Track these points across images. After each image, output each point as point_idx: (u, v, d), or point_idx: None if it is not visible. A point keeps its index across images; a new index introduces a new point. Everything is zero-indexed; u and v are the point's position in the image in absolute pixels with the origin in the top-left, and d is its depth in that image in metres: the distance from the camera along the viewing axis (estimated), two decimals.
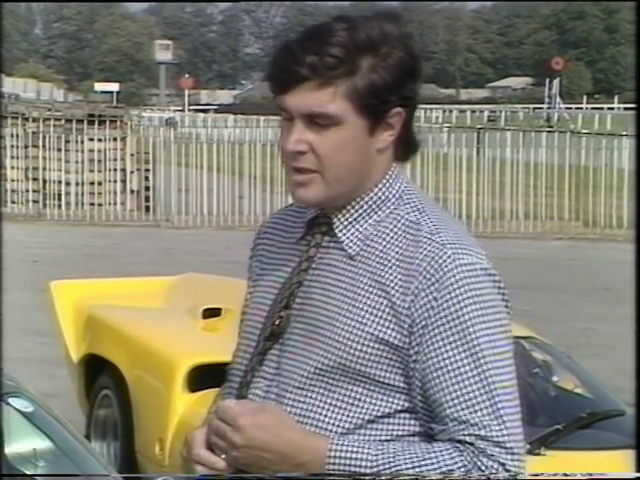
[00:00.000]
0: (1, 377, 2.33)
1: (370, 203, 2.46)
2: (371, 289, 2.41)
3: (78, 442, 5.06)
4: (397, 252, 2.41)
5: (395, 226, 2.44)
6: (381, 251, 2.43)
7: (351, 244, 2.45)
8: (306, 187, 2.42)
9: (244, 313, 2.63)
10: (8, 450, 4.72)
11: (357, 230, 2.46)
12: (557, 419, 5.63)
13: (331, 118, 2.37)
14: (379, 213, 2.46)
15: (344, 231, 2.46)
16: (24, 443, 4.76)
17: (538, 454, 5.29)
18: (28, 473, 4.45)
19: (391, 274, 2.40)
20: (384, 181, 2.47)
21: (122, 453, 6.81)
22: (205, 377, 6.66)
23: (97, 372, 7.56)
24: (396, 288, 2.39)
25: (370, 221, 2.46)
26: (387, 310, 2.39)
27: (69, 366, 7.84)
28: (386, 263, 2.41)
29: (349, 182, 2.43)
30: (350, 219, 2.46)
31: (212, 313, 7.62)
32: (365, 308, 2.40)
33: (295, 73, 2.35)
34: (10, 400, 4.78)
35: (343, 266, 2.45)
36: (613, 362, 7.57)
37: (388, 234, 2.44)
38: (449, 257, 2.37)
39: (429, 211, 2.47)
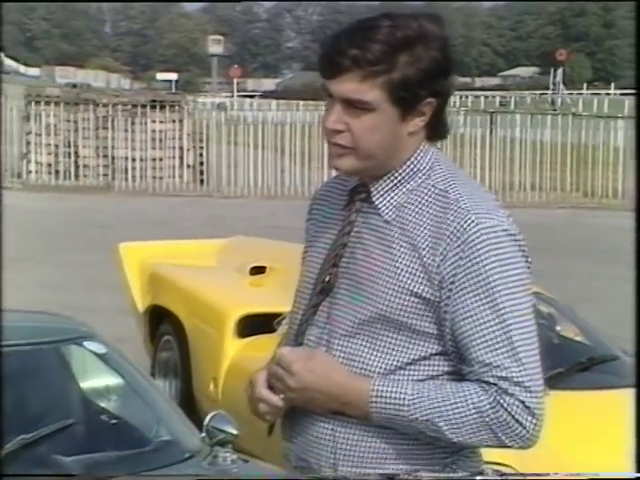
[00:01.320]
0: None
1: (403, 175, 2.47)
2: (405, 250, 2.42)
3: (144, 380, 5.09)
4: (428, 217, 2.42)
5: (426, 194, 2.45)
6: (414, 217, 2.44)
7: (386, 210, 2.46)
8: (341, 159, 2.45)
9: (301, 272, 2.64)
10: (84, 386, 4.76)
11: (392, 198, 2.47)
12: (560, 363, 5.60)
13: (367, 104, 2.38)
14: (411, 183, 2.47)
15: (380, 199, 2.47)
16: (98, 380, 4.79)
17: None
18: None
19: (422, 237, 2.41)
20: (415, 155, 2.48)
21: (181, 390, 6.84)
22: (252, 325, 6.73)
23: (159, 321, 7.60)
24: (427, 249, 2.40)
25: (403, 190, 2.47)
26: (419, 268, 2.40)
27: (136, 316, 7.89)
28: (418, 227, 2.42)
29: (380, 158, 2.44)
30: (385, 188, 2.48)
31: (258, 271, 7.63)
32: (401, 267, 2.41)
33: (339, 64, 2.37)
34: (85, 343, 4.82)
35: (381, 230, 2.46)
36: (608, 313, 7.57)
37: (420, 201, 2.45)
38: (473, 221, 2.38)
39: (456, 180, 2.47)
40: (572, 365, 5.60)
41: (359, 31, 2.40)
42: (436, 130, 2.49)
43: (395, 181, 2.47)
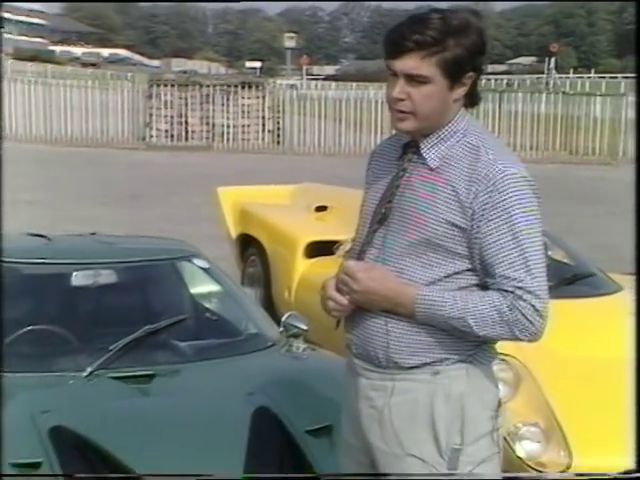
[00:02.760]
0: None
1: (445, 134, 2.47)
2: (446, 191, 2.42)
3: (237, 288, 5.10)
4: (463, 166, 2.42)
5: (462, 149, 2.45)
6: (453, 166, 2.43)
7: (432, 160, 2.46)
8: (403, 122, 2.45)
9: (362, 206, 2.64)
10: (193, 291, 4.78)
11: (436, 151, 2.46)
12: (550, 279, 5.51)
13: (425, 78, 2.38)
14: (451, 140, 2.46)
15: (427, 152, 2.47)
16: (203, 288, 4.80)
17: None
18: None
19: (459, 181, 2.41)
20: (455, 119, 2.48)
21: (264, 296, 6.86)
22: (316, 249, 6.69)
23: (247, 245, 7.61)
24: (462, 190, 2.40)
25: (445, 145, 2.46)
26: (456, 204, 2.40)
27: (229, 241, 7.91)
28: (456, 173, 2.42)
29: (432, 120, 2.45)
30: (432, 144, 2.47)
31: (321, 209, 7.59)
32: (442, 203, 2.41)
33: (404, 46, 2.37)
34: (194, 260, 4.81)
35: (427, 175, 2.46)
36: (588, 241, 7.48)
37: (457, 154, 2.44)
38: (499, 169, 2.38)
39: (485, 138, 2.48)
40: (560, 280, 5.52)
41: (417, 22, 2.40)
42: (471, 99, 2.51)
43: (439, 138, 2.47)
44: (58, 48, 70.93)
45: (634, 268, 5.24)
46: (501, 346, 3.00)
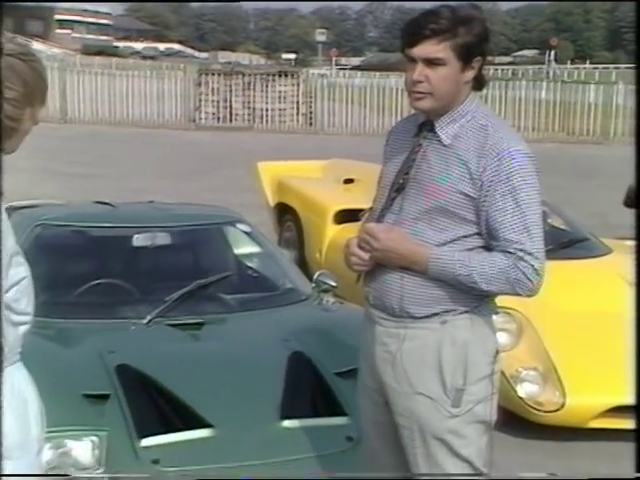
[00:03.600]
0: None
1: (457, 114, 2.45)
2: (457, 163, 2.40)
3: (275, 249, 5.09)
4: (473, 143, 2.40)
5: (472, 127, 2.43)
6: (464, 142, 2.41)
7: (445, 137, 2.44)
8: (421, 101, 2.42)
9: (380, 177, 2.62)
10: (236, 252, 4.76)
11: (449, 129, 2.44)
12: (550, 243, 5.46)
13: (441, 60, 2.37)
14: (462, 120, 2.44)
15: (441, 130, 2.45)
16: (245, 248, 4.78)
17: None
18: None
19: (470, 155, 2.39)
20: (466, 102, 2.46)
21: (298, 257, 6.84)
22: (344, 216, 6.65)
23: (283, 212, 7.59)
24: (473, 164, 2.38)
25: (457, 124, 2.44)
26: (467, 176, 2.38)
27: (268, 209, 7.87)
28: (467, 149, 2.40)
29: (447, 100, 2.42)
30: (445, 123, 2.45)
31: (348, 181, 7.54)
32: (453, 174, 2.40)
33: (421, 34, 2.37)
34: (237, 225, 4.81)
35: (441, 150, 2.44)
36: (583, 210, 7.41)
37: (468, 132, 2.42)
38: (504, 147, 2.37)
39: (492, 119, 2.47)
40: (558, 244, 5.48)
41: (430, 14, 2.40)
42: (479, 82, 2.48)
43: (452, 118, 2.45)
44: (121, 44, 71.04)
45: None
46: (506, 301, 2.99)
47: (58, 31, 69.50)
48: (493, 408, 2.51)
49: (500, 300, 2.59)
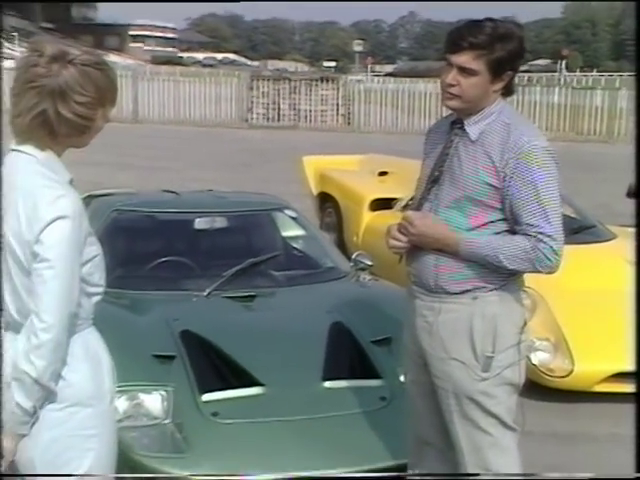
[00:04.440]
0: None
1: (484, 114, 2.41)
2: (484, 157, 2.37)
3: (317, 232, 5.06)
4: (498, 139, 2.37)
5: (497, 126, 2.39)
6: (489, 139, 2.38)
7: (473, 134, 2.41)
8: (451, 101, 2.40)
9: (421, 170, 2.60)
10: (284, 234, 4.74)
11: (477, 127, 2.41)
12: None
13: (473, 71, 2.34)
14: (489, 119, 2.41)
15: (469, 127, 2.42)
16: (291, 232, 4.76)
17: None
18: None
19: (494, 150, 2.36)
20: (493, 104, 2.42)
21: (337, 240, 6.76)
22: (378, 204, 6.61)
23: (325, 200, 7.53)
24: (497, 158, 2.35)
25: (484, 123, 2.41)
26: (492, 168, 2.35)
27: (311, 197, 7.83)
28: (492, 144, 2.37)
29: (473, 103, 2.40)
30: (473, 121, 2.42)
31: (382, 174, 7.47)
32: (480, 167, 2.37)
33: (460, 45, 2.33)
34: (285, 211, 4.79)
35: (469, 146, 2.42)
36: (590, 201, 7.28)
37: (493, 130, 2.39)
38: (525, 141, 2.33)
39: (515, 117, 2.43)
40: (569, 230, 5.30)
41: (473, 26, 2.35)
42: (508, 90, 2.44)
43: (479, 117, 2.41)
44: (185, 54, 71.55)
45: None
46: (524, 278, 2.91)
47: (131, 45, 70.56)
48: (521, 372, 2.50)
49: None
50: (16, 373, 1.81)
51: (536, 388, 4.29)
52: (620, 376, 4.34)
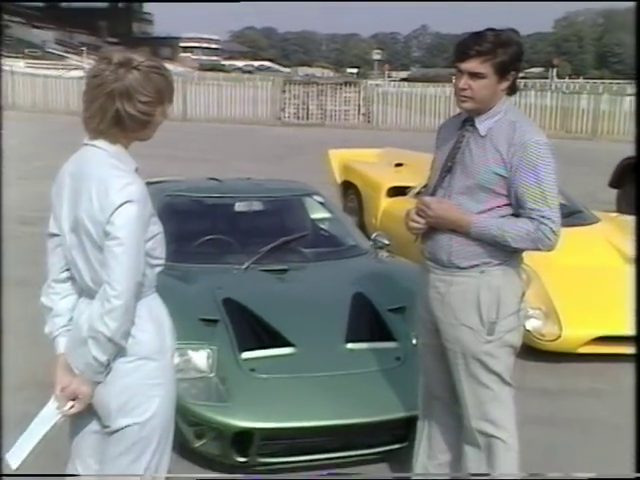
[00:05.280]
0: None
1: (492, 112, 2.38)
2: (492, 151, 2.34)
3: (341, 215, 5.02)
4: (504, 134, 2.33)
5: (504, 123, 2.35)
6: (497, 134, 2.35)
7: (483, 130, 2.38)
8: (465, 103, 2.37)
9: (433, 162, 2.57)
10: (312, 217, 4.69)
11: (486, 124, 2.38)
12: None
13: (481, 75, 2.32)
14: (496, 117, 2.37)
15: (479, 124, 2.39)
16: (319, 214, 4.73)
17: None
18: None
19: (501, 144, 2.32)
20: (500, 103, 2.38)
21: (358, 222, 6.68)
22: (394, 191, 6.56)
23: (348, 188, 7.49)
24: (504, 151, 2.32)
25: (492, 121, 2.37)
26: (499, 160, 2.32)
27: (336, 185, 7.77)
28: (499, 140, 2.34)
29: (485, 103, 2.36)
30: (483, 119, 2.38)
31: (398, 165, 7.41)
32: (489, 159, 2.34)
33: (468, 53, 2.31)
34: (313, 196, 4.76)
35: (479, 140, 2.38)
36: (577, 190, 7.14)
37: (500, 126, 2.35)
38: (528, 137, 2.30)
39: (519, 116, 2.40)
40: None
41: (478, 37, 2.33)
42: (512, 89, 2.40)
43: (488, 116, 2.38)
44: (227, 62, 71.57)
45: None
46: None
47: (181, 54, 71.03)
48: (520, 336, 2.49)
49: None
50: (92, 332, 1.86)
51: (529, 350, 4.26)
52: (600, 339, 4.37)
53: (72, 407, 1.92)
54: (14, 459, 1.92)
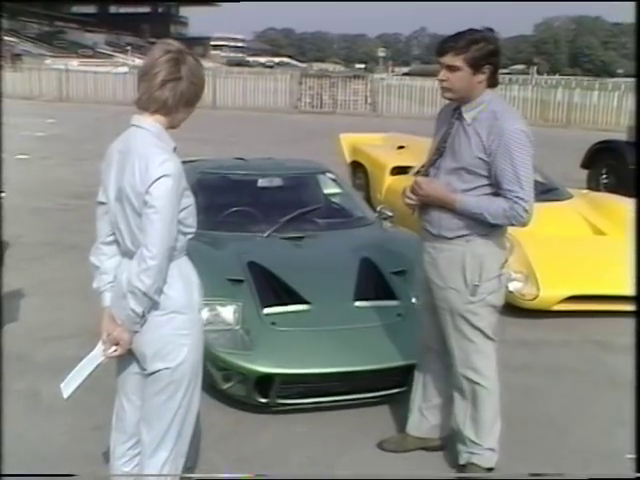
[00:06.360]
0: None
1: (476, 103, 2.31)
2: (475, 137, 2.28)
3: (351, 190, 4.90)
4: (486, 123, 2.26)
5: (486, 112, 2.29)
6: (479, 122, 2.28)
7: (468, 119, 2.31)
8: (445, 92, 2.31)
9: (431, 144, 2.49)
10: (325, 192, 4.59)
11: (470, 113, 2.31)
12: None
13: (456, 67, 2.24)
14: (480, 107, 2.30)
15: (465, 113, 2.32)
16: (331, 190, 4.64)
17: None
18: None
19: (483, 132, 2.26)
20: (482, 94, 2.30)
21: (366, 197, 6.56)
22: (397, 171, 6.46)
23: (356, 167, 7.37)
24: (485, 137, 2.25)
25: (476, 110, 2.30)
26: (482, 146, 2.26)
27: (346, 165, 7.63)
28: (482, 127, 2.27)
29: (462, 93, 2.30)
30: (468, 109, 2.32)
31: (401, 147, 7.27)
32: (473, 144, 2.28)
33: (445, 50, 2.26)
34: (326, 174, 4.67)
35: (465, 127, 2.32)
36: (553, 170, 6.97)
37: (483, 115, 2.29)
38: (507, 126, 2.23)
39: (502, 106, 2.31)
40: (538, 192, 5.11)
41: (455, 36, 2.27)
42: (492, 82, 2.31)
43: (473, 105, 2.31)
44: (251, 58, 70.97)
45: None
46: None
47: (212, 52, 70.63)
48: (501, 297, 2.45)
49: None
50: (130, 287, 1.86)
51: (511, 308, 4.21)
52: (572, 298, 4.35)
53: (115, 351, 1.94)
54: (66, 389, 1.99)
